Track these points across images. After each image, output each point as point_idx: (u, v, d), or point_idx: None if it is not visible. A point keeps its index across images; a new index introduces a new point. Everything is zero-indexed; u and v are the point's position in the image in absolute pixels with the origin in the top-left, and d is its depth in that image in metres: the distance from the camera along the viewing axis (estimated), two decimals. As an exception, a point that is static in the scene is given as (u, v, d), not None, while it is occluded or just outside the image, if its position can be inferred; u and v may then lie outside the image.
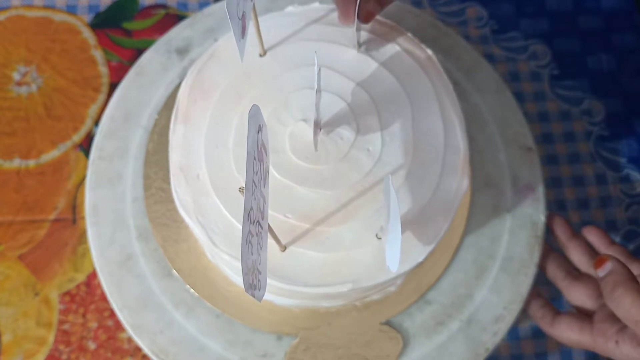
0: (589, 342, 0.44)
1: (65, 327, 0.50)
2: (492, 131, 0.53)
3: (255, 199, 0.30)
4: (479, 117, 0.54)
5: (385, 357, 0.46)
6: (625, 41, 0.62)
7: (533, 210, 0.51)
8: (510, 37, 0.61)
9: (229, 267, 0.44)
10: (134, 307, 0.47)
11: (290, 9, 0.47)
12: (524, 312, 0.50)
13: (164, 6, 0.60)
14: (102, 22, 0.59)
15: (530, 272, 0.50)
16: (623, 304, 0.40)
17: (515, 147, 0.53)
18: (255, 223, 0.30)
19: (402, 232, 0.33)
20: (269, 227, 0.34)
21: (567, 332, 0.46)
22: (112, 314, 0.50)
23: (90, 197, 0.50)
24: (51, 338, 0.50)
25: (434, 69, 0.45)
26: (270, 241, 0.37)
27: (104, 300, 0.50)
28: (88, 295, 0.51)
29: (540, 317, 0.48)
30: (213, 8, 0.55)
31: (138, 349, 0.50)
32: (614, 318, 0.43)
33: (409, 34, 0.47)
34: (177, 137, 0.43)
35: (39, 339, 0.50)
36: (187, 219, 0.41)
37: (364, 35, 0.45)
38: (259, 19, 0.43)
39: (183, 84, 0.44)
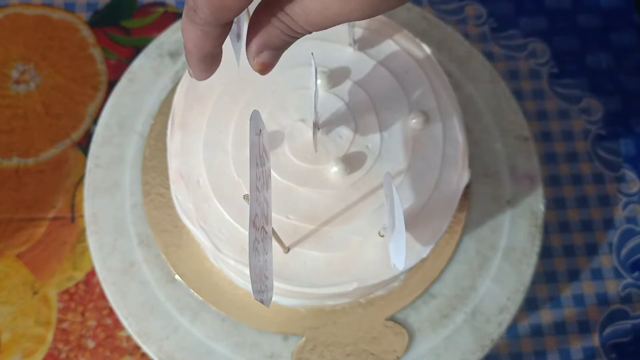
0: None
1: (64, 325, 0.50)
2: (488, 121, 0.54)
3: (259, 205, 0.30)
4: (474, 107, 0.54)
5: (392, 352, 0.47)
6: (624, 40, 0.62)
7: (532, 199, 0.52)
8: (509, 35, 0.61)
9: (234, 272, 0.44)
10: (139, 314, 0.47)
11: None
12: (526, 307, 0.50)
13: (162, 4, 0.59)
14: (101, 20, 0.58)
15: (532, 261, 0.50)
16: None
17: (512, 136, 0.53)
18: (260, 229, 0.30)
19: (406, 229, 0.34)
20: (272, 230, 0.34)
21: None
22: (111, 313, 0.50)
23: (88, 206, 0.49)
24: (50, 337, 0.50)
25: (429, 63, 0.45)
26: (274, 243, 0.37)
27: (103, 299, 0.50)
28: (87, 294, 0.51)
29: None
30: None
31: (137, 348, 0.50)
32: None
33: (403, 29, 0.46)
34: (175, 144, 0.43)
35: (37, 337, 0.50)
36: (190, 226, 0.41)
37: (359, 32, 0.45)
38: None
39: (178, 89, 0.44)
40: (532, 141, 0.53)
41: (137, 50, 0.57)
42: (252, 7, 0.30)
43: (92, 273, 0.51)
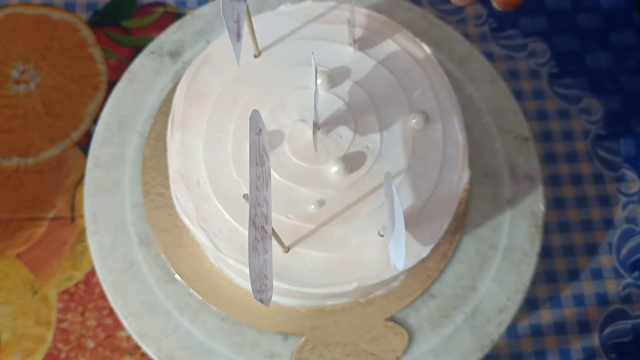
0: None
1: (64, 325, 0.50)
2: (488, 121, 0.54)
3: (259, 204, 0.30)
4: (473, 107, 0.54)
5: (392, 352, 0.47)
6: (623, 40, 0.62)
7: (532, 200, 0.52)
8: (509, 35, 0.61)
9: (234, 271, 0.44)
10: (139, 314, 0.47)
11: (282, 8, 0.46)
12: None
13: (162, 4, 0.59)
14: (101, 20, 0.58)
15: (532, 261, 0.50)
16: None
17: (511, 136, 0.53)
18: (259, 228, 0.30)
19: (405, 229, 0.34)
20: (272, 229, 0.34)
21: None
22: (111, 313, 0.50)
23: (88, 206, 0.49)
24: (50, 336, 0.50)
25: (429, 63, 0.45)
26: (274, 243, 0.37)
27: (103, 299, 0.50)
28: (87, 294, 0.51)
29: None
30: (203, 10, 0.55)
31: (137, 348, 0.50)
32: None
33: (403, 29, 0.47)
34: (175, 144, 0.43)
35: (37, 337, 0.50)
36: (190, 226, 0.41)
37: (358, 31, 0.45)
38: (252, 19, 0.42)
39: (178, 89, 0.44)
40: (532, 141, 0.53)
41: (137, 50, 0.57)
42: (252, 7, 0.30)
43: (92, 273, 0.51)
